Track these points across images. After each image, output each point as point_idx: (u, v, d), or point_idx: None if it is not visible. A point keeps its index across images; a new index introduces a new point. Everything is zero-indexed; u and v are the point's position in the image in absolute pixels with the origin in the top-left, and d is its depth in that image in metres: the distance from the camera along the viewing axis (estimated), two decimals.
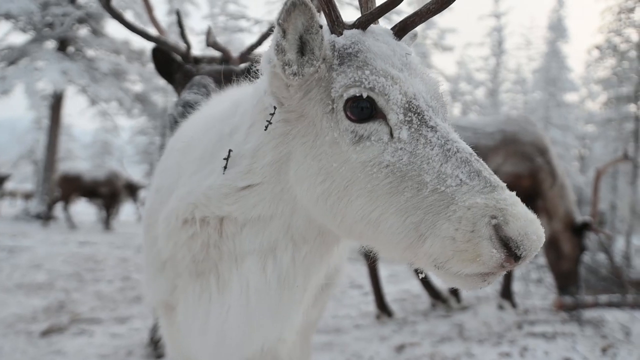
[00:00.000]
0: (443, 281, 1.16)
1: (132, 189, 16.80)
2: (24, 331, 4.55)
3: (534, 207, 5.16)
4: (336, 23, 1.27)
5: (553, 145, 5.85)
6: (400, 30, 1.31)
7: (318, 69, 1.22)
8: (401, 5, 1.24)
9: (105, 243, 11.71)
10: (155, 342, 3.88)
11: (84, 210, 22.71)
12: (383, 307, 5.30)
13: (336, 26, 1.27)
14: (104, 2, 2.68)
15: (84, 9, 18.36)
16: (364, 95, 1.16)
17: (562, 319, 4.94)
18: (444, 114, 1.26)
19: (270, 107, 1.29)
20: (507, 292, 5.57)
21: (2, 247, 9.62)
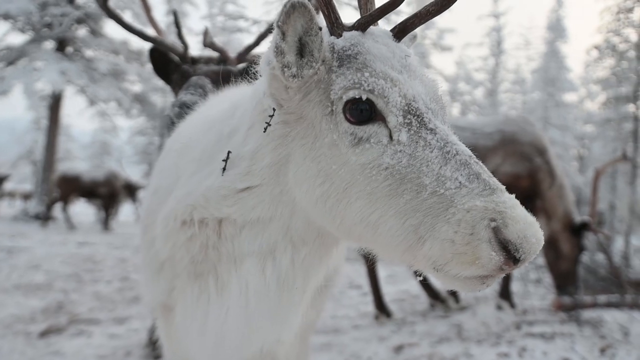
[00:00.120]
0: (442, 283, 1.16)
1: (131, 190, 16.78)
2: (22, 332, 4.53)
3: (532, 207, 5.17)
4: (335, 25, 1.27)
5: (552, 145, 5.85)
6: (400, 32, 1.31)
7: (317, 71, 1.22)
8: (401, 6, 1.23)
9: (104, 243, 11.69)
10: (153, 342, 3.87)
11: (82, 210, 22.64)
12: (382, 308, 5.30)
13: (335, 28, 1.27)
14: (100, 2, 2.68)
15: (83, 9, 18.31)
16: (363, 97, 1.16)
17: (561, 319, 4.94)
18: (443, 116, 1.26)
19: (270, 108, 1.28)
20: (505, 293, 5.57)
21: (0, 247, 9.59)
